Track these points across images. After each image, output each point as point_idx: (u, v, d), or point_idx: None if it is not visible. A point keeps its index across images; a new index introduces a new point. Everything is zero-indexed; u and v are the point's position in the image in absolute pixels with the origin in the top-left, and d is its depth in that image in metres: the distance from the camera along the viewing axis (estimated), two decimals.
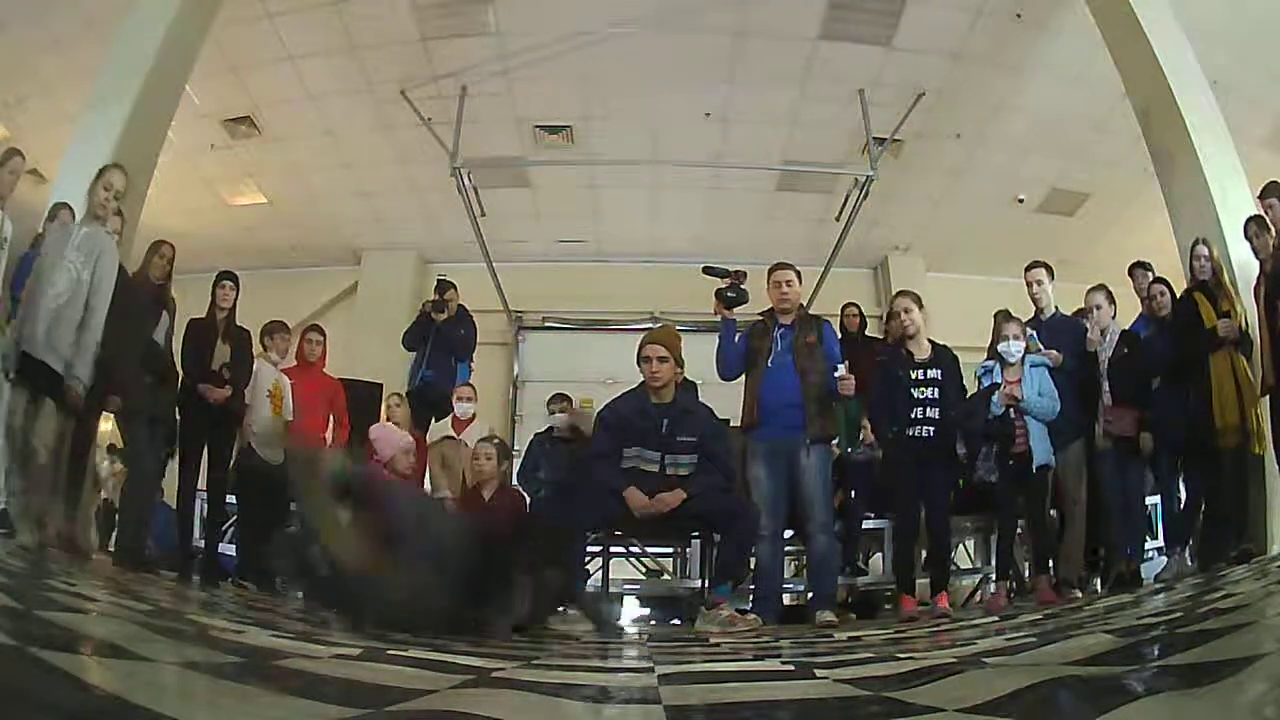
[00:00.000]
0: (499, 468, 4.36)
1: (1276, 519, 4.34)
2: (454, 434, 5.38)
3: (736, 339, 4.25)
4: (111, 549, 4.74)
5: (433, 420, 5.78)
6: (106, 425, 4.77)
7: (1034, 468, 4.13)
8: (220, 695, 1.00)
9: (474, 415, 5.49)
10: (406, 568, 2.44)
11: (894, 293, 4.53)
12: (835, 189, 7.85)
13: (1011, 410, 4.18)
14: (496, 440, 4.57)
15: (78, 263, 3.74)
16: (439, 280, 6.43)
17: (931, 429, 4.10)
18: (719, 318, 4.27)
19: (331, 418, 5.26)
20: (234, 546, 5.04)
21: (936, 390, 4.12)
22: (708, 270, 4.32)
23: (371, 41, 6.51)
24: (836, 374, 4.04)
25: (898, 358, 4.29)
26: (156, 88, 5.07)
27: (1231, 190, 4.84)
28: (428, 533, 2.65)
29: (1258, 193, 4.37)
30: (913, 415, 4.12)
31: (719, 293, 4.24)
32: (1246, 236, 4.30)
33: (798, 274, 4.31)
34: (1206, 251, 4.46)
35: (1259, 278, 4.22)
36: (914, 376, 4.16)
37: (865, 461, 5.10)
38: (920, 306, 4.29)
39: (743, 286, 4.26)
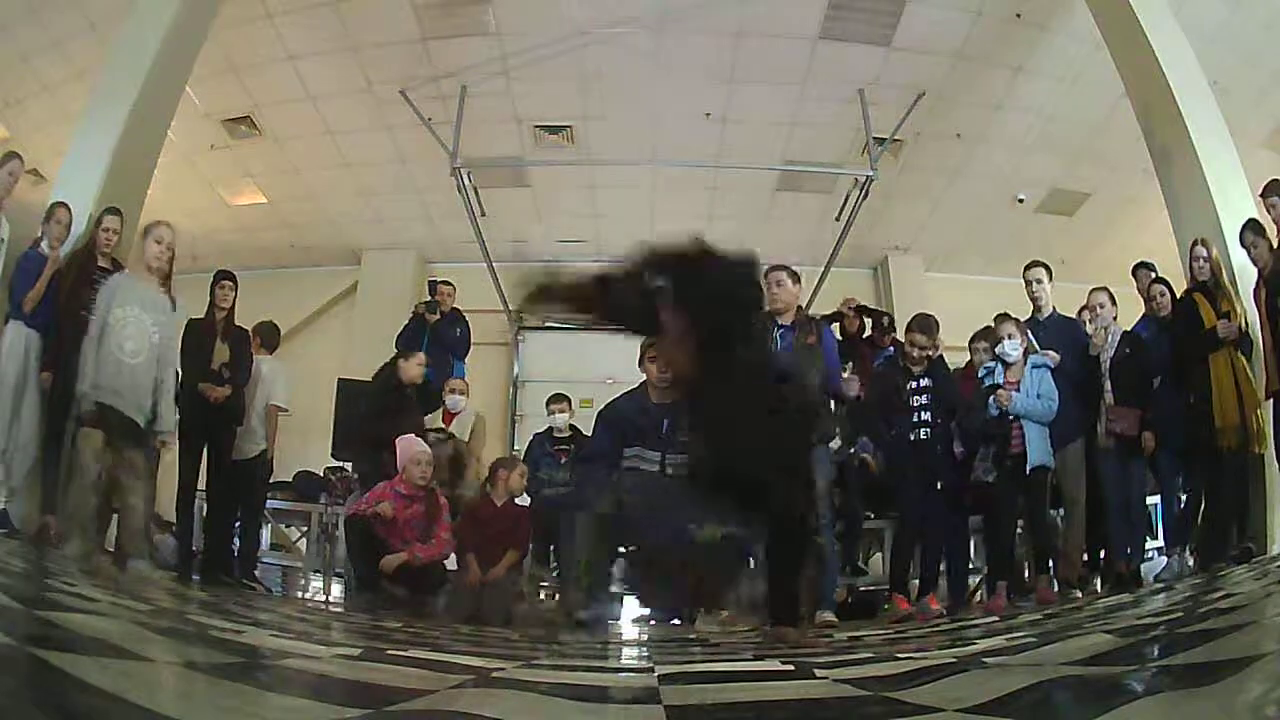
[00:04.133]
0: None
1: (1276, 519, 4.34)
2: (443, 425, 5.44)
3: None
4: (111, 549, 4.74)
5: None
6: None
7: (1029, 468, 4.14)
8: (220, 695, 1.00)
9: (464, 409, 5.54)
10: None
11: (918, 316, 4.60)
12: (835, 189, 7.85)
13: (1007, 411, 4.21)
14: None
15: (146, 323, 3.90)
16: (430, 281, 6.51)
17: (926, 431, 4.35)
18: None
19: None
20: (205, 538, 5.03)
21: (930, 396, 4.39)
22: None
23: (371, 41, 6.50)
24: (844, 375, 4.18)
25: (894, 368, 4.53)
26: (156, 88, 5.07)
27: (1231, 190, 4.84)
28: None
29: (1259, 192, 4.37)
30: (910, 420, 4.37)
31: None
32: (1243, 244, 4.31)
33: (793, 275, 4.32)
34: (1205, 252, 4.46)
35: (1258, 281, 4.23)
36: (910, 386, 4.40)
37: (858, 460, 5.17)
38: (934, 339, 4.49)
39: None
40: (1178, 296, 4.62)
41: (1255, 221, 4.30)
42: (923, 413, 4.37)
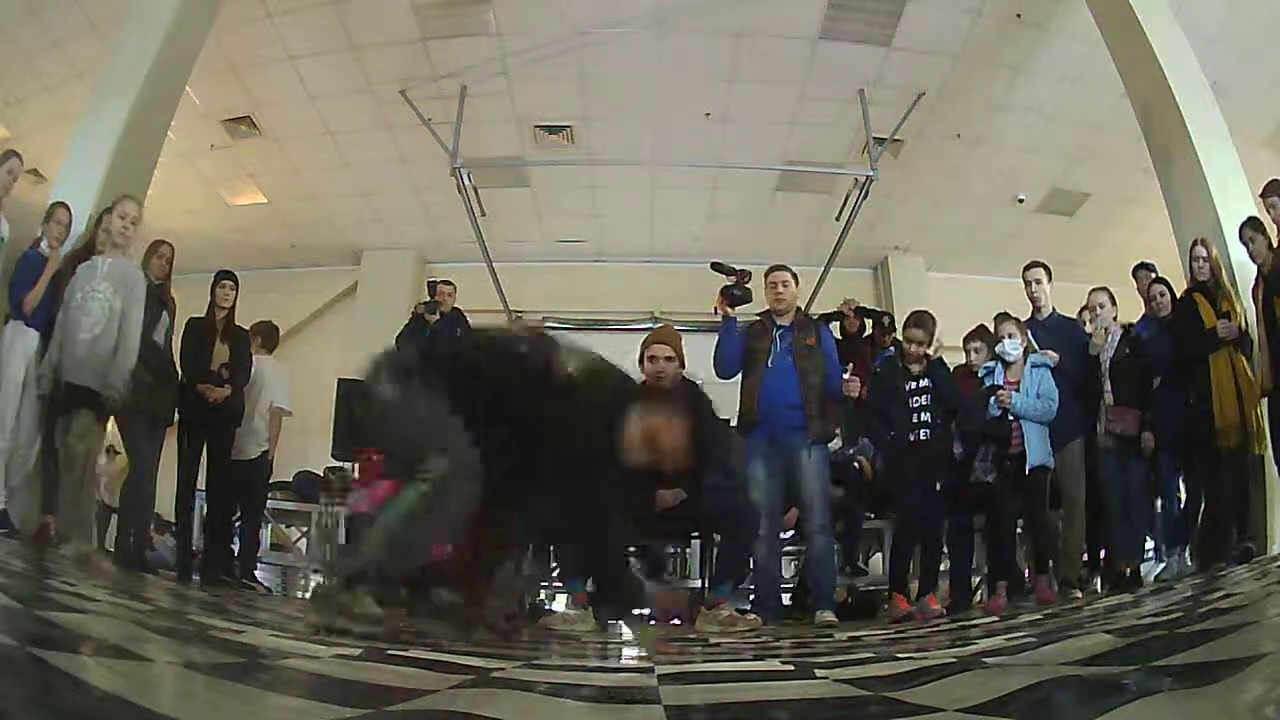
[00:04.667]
0: None
1: (1276, 519, 4.34)
2: None
3: (736, 337, 4.27)
4: (110, 549, 4.74)
5: None
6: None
7: (1029, 468, 4.14)
8: (220, 695, 0.99)
9: None
10: None
11: (914, 313, 4.60)
12: (835, 189, 7.86)
13: (1008, 411, 4.20)
14: None
15: (107, 293, 3.96)
16: (430, 282, 6.50)
17: (926, 432, 4.34)
18: (719, 315, 4.28)
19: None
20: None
21: (929, 397, 4.37)
22: (716, 266, 4.34)
23: (371, 41, 6.51)
24: (844, 377, 4.22)
25: (893, 370, 4.52)
26: (156, 88, 5.07)
27: (1231, 190, 4.84)
28: None
29: (1259, 192, 4.37)
30: (909, 421, 4.35)
31: (725, 290, 4.26)
32: (1242, 240, 4.31)
33: (794, 276, 4.34)
34: (1205, 252, 4.46)
35: (1256, 279, 4.23)
36: (908, 387, 4.40)
37: (855, 462, 5.18)
38: (931, 336, 4.48)
39: (747, 286, 4.29)
40: (1178, 296, 4.62)
41: (1255, 219, 4.30)
42: (923, 413, 4.36)
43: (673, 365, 3.87)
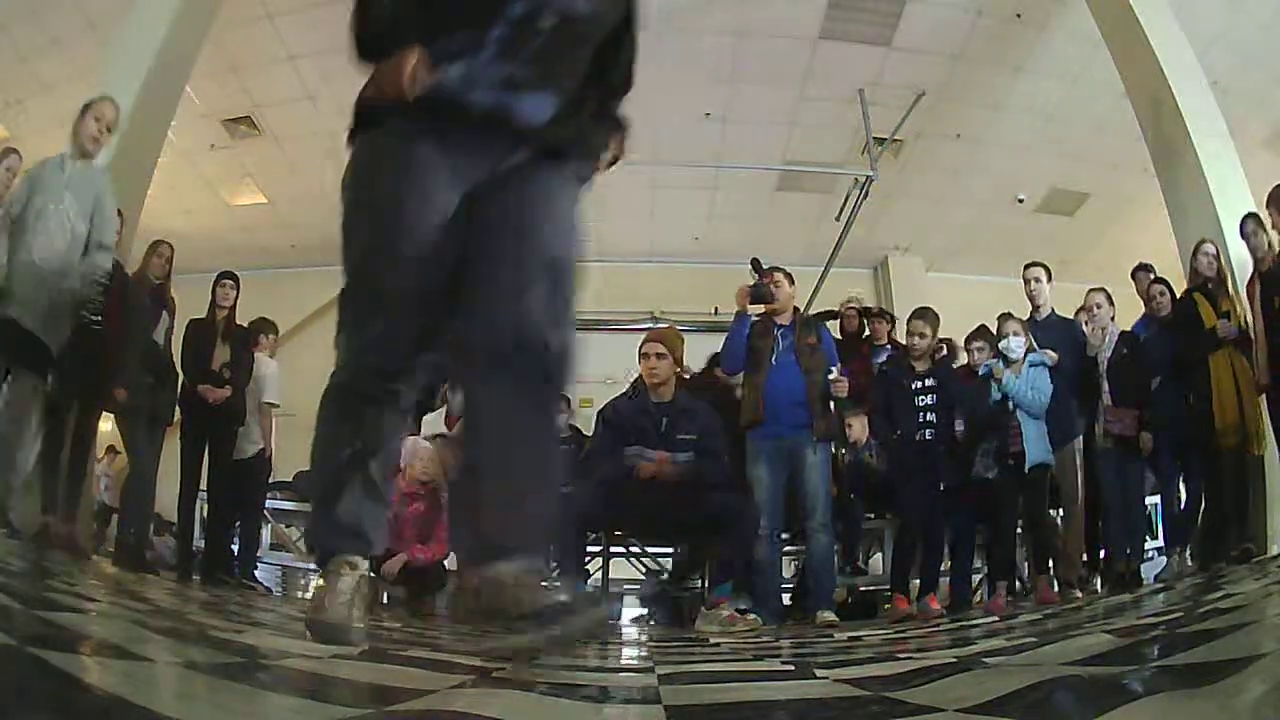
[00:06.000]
0: None
1: (1276, 519, 4.34)
2: (446, 429, 5.39)
3: (747, 334, 4.27)
4: (111, 549, 4.74)
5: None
6: (106, 426, 4.78)
7: (1028, 466, 4.14)
8: (220, 695, 0.99)
9: None
10: None
11: (917, 308, 4.60)
12: (835, 189, 7.86)
13: (1010, 402, 4.21)
14: None
15: (72, 210, 3.38)
16: None
17: (931, 431, 4.33)
18: (737, 309, 4.28)
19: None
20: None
21: (935, 396, 4.36)
22: (755, 264, 4.39)
23: None
24: (830, 376, 4.11)
25: (899, 368, 4.53)
26: (156, 88, 5.08)
27: (1231, 190, 4.85)
28: None
29: (1264, 202, 4.35)
30: (915, 420, 4.35)
31: (754, 286, 4.28)
32: (1243, 234, 4.31)
33: (788, 276, 4.34)
34: (1213, 250, 4.46)
35: (1252, 276, 4.23)
36: (914, 386, 4.39)
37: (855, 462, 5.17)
38: (935, 329, 4.47)
39: (768, 284, 4.31)
40: (1177, 296, 4.62)
41: (1255, 215, 4.30)
42: (928, 413, 4.35)
43: (665, 362, 3.88)
